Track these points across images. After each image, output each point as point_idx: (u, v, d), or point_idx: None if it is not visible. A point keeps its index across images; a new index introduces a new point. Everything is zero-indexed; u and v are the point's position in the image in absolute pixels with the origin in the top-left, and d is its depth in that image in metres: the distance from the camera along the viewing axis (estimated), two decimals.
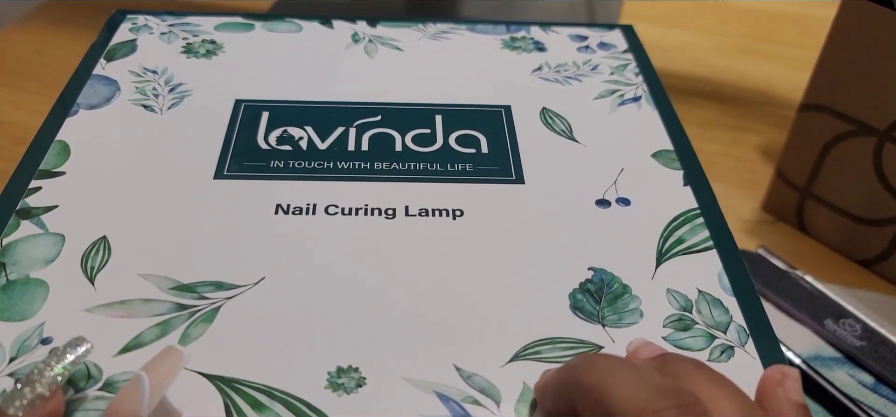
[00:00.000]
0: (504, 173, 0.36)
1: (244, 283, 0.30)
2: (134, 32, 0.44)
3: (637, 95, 0.42)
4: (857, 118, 0.44)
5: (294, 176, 0.35)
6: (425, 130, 0.38)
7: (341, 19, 0.47)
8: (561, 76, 0.43)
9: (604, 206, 0.35)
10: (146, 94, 0.39)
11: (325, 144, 0.37)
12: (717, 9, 0.74)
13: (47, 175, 0.34)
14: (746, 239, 0.49)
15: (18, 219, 0.32)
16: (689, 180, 0.36)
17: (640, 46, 0.46)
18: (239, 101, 0.39)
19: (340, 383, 0.27)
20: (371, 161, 0.36)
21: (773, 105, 0.62)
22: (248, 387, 0.27)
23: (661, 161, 0.37)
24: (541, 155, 0.37)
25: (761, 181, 0.53)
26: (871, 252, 0.47)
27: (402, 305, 0.30)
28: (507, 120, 0.39)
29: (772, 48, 0.69)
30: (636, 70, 0.44)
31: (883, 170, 0.44)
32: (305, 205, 0.34)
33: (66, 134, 0.37)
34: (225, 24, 0.45)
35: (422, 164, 0.36)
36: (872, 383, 0.42)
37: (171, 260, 0.31)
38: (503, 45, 0.45)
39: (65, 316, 0.28)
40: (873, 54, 0.43)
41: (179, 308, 0.29)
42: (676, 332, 0.30)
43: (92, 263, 0.30)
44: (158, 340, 0.28)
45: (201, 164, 0.36)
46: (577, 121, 0.40)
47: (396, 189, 0.35)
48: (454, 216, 0.34)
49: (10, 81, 0.58)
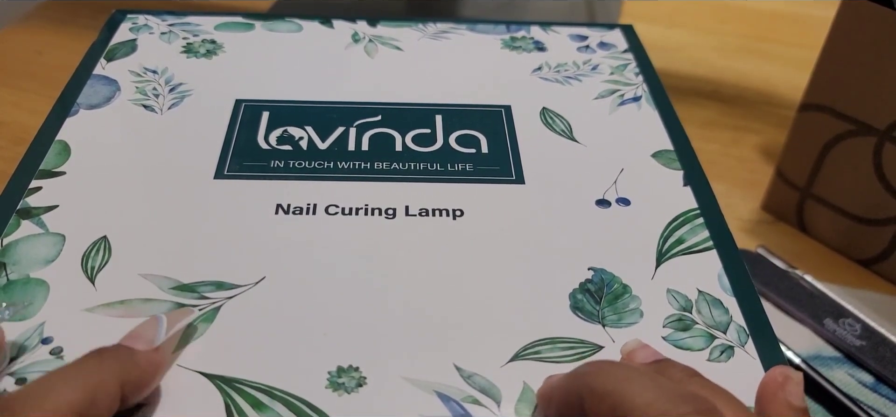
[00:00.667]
0: (504, 173, 0.36)
1: (245, 283, 0.30)
2: (134, 32, 0.44)
3: (637, 95, 0.42)
4: (857, 118, 0.45)
5: (294, 176, 0.35)
6: (425, 130, 0.38)
7: (342, 19, 0.47)
8: (561, 76, 0.43)
9: (604, 206, 0.35)
10: (146, 94, 0.39)
11: (325, 144, 0.37)
12: (718, 9, 0.74)
13: (47, 175, 0.34)
14: (746, 239, 0.49)
15: (19, 219, 0.32)
16: (689, 180, 0.36)
17: (640, 46, 0.46)
18: (239, 101, 0.39)
19: (341, 382, 0.27)
20: (371, 161, 0.36)
21: (774, 105, 0.62)
22: (248, 387, 0.27)
23: (661, 161, 0.37)
24: (541, 155, 0.37)
25: (761, 181, 0.53)
26: (871, 251, 0.47)
27: (402, 305, 0.30)
28: (507, 120, 0.39)
29: (772, 48, 0.69)
30: (636, 70, 0.44)
31: (883, 170, 0.44)
32: (306, 205, 0.34)
33: (67, 134, 0.37)
34: (225, 23, 0.45)
35: (422, 164, 0.36)
36: (872, 382, 0.42)
37: (172, 260, 0.31)
38: (503, 44, 0.45)
39: (65, 315, 0.28)
40: (873, 54, 0.43)
41: (180, 307, 0.29)
42: (676, 332, 0.30)
43: (92, 263, 0.30)
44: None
45: (201, 164, 0.36)
46: (577, 121, 0.40)
47: (397, 189, 0.35)
48: (454, 216, 0.34)
49: (10, 81, 0.58)
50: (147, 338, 0.26)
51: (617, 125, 0.40)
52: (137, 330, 0.27)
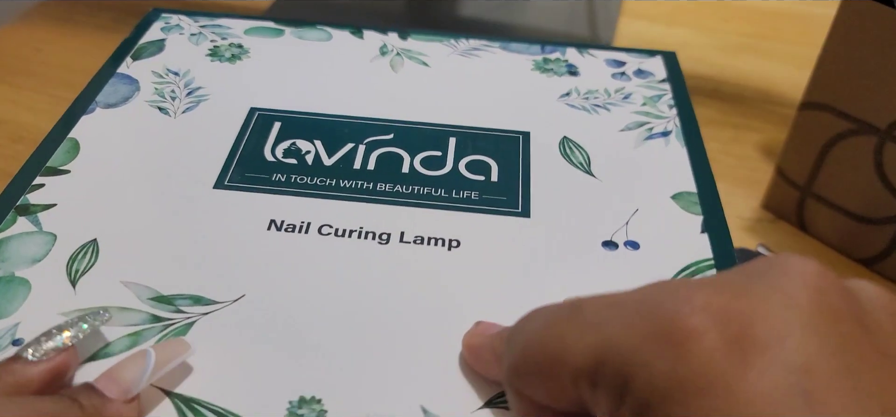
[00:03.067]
0: (510, 204, 0.35)
1: (223, 300, 0.30)
2: (165, 32, 0.44)
3: (667, 130, 0.39)
4: (858, 117, 0.44)
5: (293, 191, 0.35)
6: (436, 153, 0.37)
7: (373, 29, 0.46)
8: (589, 104, 0.41)
9: (610, 248, 0.33)
10: (164, 96, 0.39)
11: (331, 160, 0.36)
12: (718, 7, 0.73)
13: (53, 172, 0.35)
14: (746, 238, 0.49)
15: (16, 215, 0.32)
16: (708, 227, 0.34)
17: (679, 76, 0.44)
18: (253, 109, 0.39)
19: (300, 413, 0.26)
20: (375, 181, 0.35)
21: (774, 103, 0.61)
22: (204, 408, 0.26)
23: (680, 204, 0.35)
24: (553, 187, 0.36)
25: (762, 179, 0.53)
26: (872, 251, 0.47)
27: (377, 338, 0.29)
28: (523, 147, 0.38)
29: (773, 46, 0.68)
30: (671, 102, 0.41)
31: (883, 169, 0.44)
32: (299, 223, 0.33)
33: (79, 132, 0.37)
34: (255, 28, 0.45)
35: (426, 189, 0.35)
36: None
37: (155, 270, 0.31)
38: (534, 66, 0.44)
39: (41, 317, 0.28)
40: (874, 53, 0.42)
41: (154, 319, 0.29)
42: None
43: (77, 266, 0.30)
44: (127, 351, 0.28)
45: (204, 172, 0.35)
46: (598, 154, 0.38)
47: (395, 213, 0.34)
48: (450, 246, 0.33)
49: (9, 79, 0.58)
50: (126, 382, 0.25)
51: (639, 161, 0.38)
52: (118, 368, 0.25)
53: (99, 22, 0.44)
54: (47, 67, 0.59)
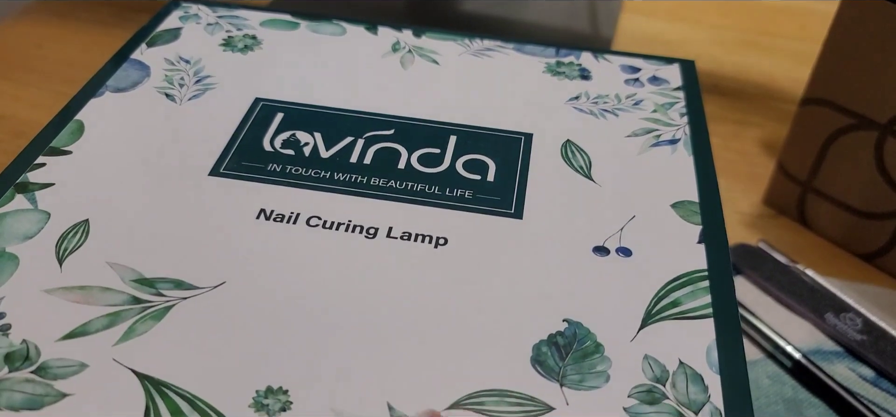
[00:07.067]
0: (503, 205, 0.34)
1: (203, 286, 0.30)
2: (182, 21, 0.45)
3: (675, 138, 0.39)
4: (859, 112, 0.44)
5: (287, 182, 0.35)
6: (435, 150, 0.37)
7: (388, 26, 0.46)
8: (597, 108, 0.40)
9: (601, 254, 0.32)
10: (172, 83, 0.40)
11: (328, 153, 0.36)
12: (720, 3, 0.73)
13: (55, 152, 0.35)
14: (747, 233, 0.49)
15: (14, 192, 0.33)
16: (706, 238, 0.33)
17: (695, 84, 0.43)
18: (258, 100, 0.39)
19: (265, 404, 0.26)
20: (369, 176, 0.35)
21: (775, 99, 0.61)
22: (173, 392, 0.26)
23: (679, 212, 0.34)
24: (549, 190, 0.35)
25: (762, 175, 0.53)
26: (873, 246, 0.47)
27: (352, 331, 0.29)
28: (524, 148, 0.37)
29: (773, 42, 0.68)
30: (683, 110, 0.40)
31: (884, 164, 0.44)
32: (288, 214, 0.33)
33: (85, 114, 0.38)
34: (271, 20, 0.46)
35: (420, 186, 0.35)
36: (873, 377, 0.42)
37: (141, 252, 0.31)
38: (546, 68, 0.43)
39: (24, 294, 0.29)
40: (875, 48, 0.42)
41: (134, 300, 0.29)
42: (641, 404, 0.27)
43: (66, 245, 0.31)
44: (104, 331, 0.28)
45: (201, 159, 0.36)
46: (600, 159, 0.37)
47: (386, 208, 0.34)
48: (436, 244, 0.32)
49: (10, 75, 0.59)
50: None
51: (642, 167, 0.37)
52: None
53: (100, 17, 0.45)
54: (48, 63, 0.60)
